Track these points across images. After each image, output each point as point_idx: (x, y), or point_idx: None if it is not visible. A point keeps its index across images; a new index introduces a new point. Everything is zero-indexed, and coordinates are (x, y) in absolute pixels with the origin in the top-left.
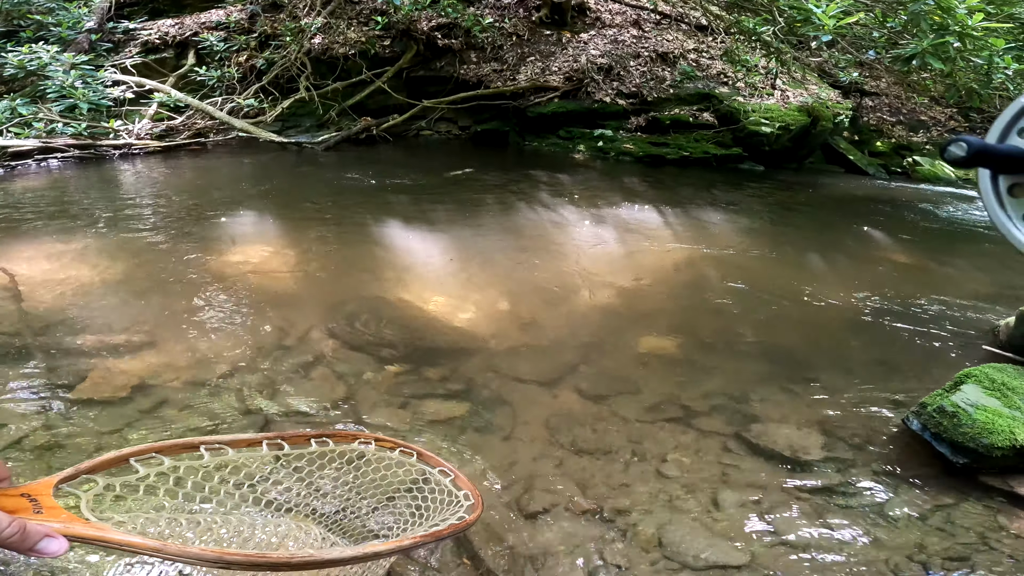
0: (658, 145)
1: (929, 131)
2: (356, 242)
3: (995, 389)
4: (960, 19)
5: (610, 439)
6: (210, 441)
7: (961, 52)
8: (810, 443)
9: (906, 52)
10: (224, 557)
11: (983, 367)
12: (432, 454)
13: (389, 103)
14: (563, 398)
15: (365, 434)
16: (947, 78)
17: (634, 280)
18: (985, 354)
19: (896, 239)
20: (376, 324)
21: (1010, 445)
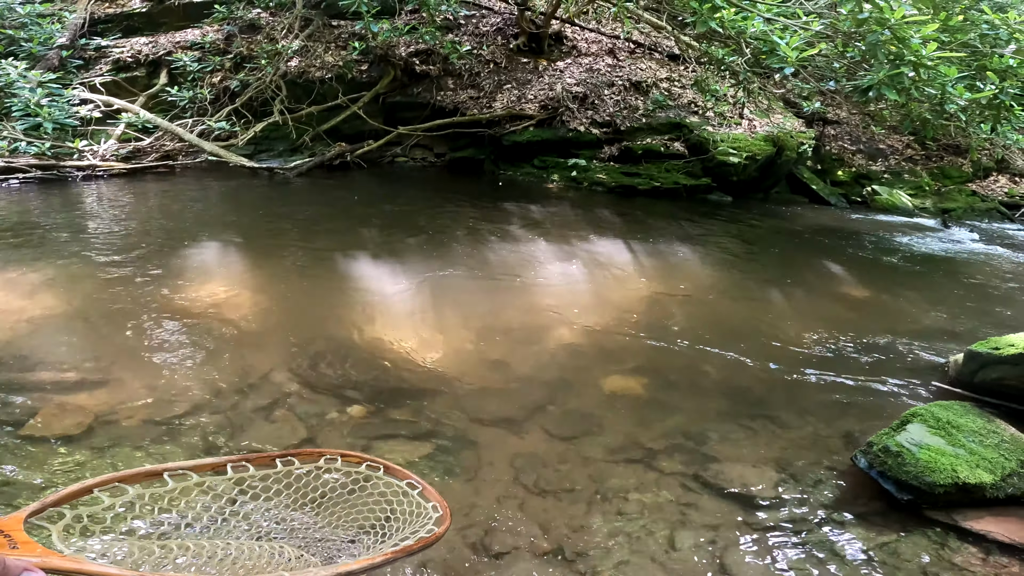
0: (630, 175)
1: (887, 160)
2: (324, 277)
3: (940, 428)
4: (915, 49)
5: (573, 479)
6: (173, 468)
7: (915, 82)
8: (765, 482)
9: (864, 83)
10: None
11: (929, 406)
12: (399, 467)
13: (364, 128)
14: (529, 438)
15: (331, 451)
16: (902, 108)
17: (602, 318)
18: (935, 391)
19: (853, 273)
20: (341, 364)
21: (952, 482)
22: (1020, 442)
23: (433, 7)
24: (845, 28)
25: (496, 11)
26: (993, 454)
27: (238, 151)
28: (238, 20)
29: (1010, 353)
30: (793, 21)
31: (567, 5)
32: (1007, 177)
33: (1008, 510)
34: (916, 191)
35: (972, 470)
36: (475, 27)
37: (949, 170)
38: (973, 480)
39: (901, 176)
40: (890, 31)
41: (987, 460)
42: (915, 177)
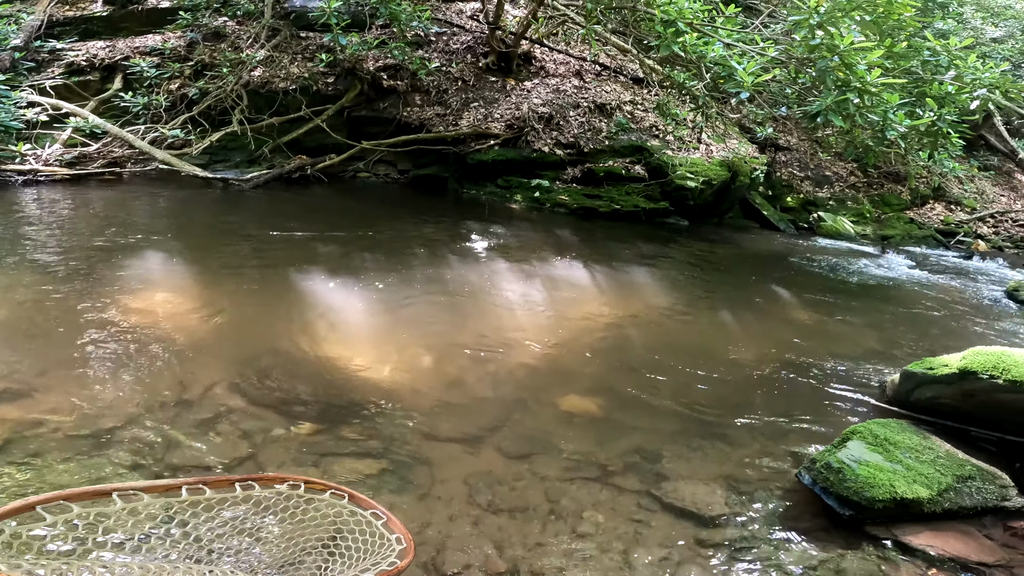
0: (592, 197)
1: (832, 186)
2: (276, 291)
3: (878, 444)
4: (860, 75)
5: (528, 498)
6: (124, 488)
7: (859, 108)
8: (715, 499)
9: (812, 109)
10: None
11: (869, 423)
12: (365, 497)
13: (327, 142)
14: (484, 457)
15: (293, 476)
16: (847, 135)
17: (560, 338)
18: (874, 409)
19: (799, 297)
20: (290, 380)
21: (890, 497)
22: (955, 458)
23: (404, 23)
24: (798, 54)
25: (467, 29)
26: (929, 470)
27: (191, 160)
28: (202, 27)
29: (943, 373)
30: (751, 47)
31: (537, 26)
32: (943, 205)
33: (945, 524)
34: (858, 218)
35: (909, 485)
36: (445, 44)
37: (889, 197)
38: (911, 495)
39: (845, 203)
40: (839, 57)
41: (924, 476)
42: (857, 204)
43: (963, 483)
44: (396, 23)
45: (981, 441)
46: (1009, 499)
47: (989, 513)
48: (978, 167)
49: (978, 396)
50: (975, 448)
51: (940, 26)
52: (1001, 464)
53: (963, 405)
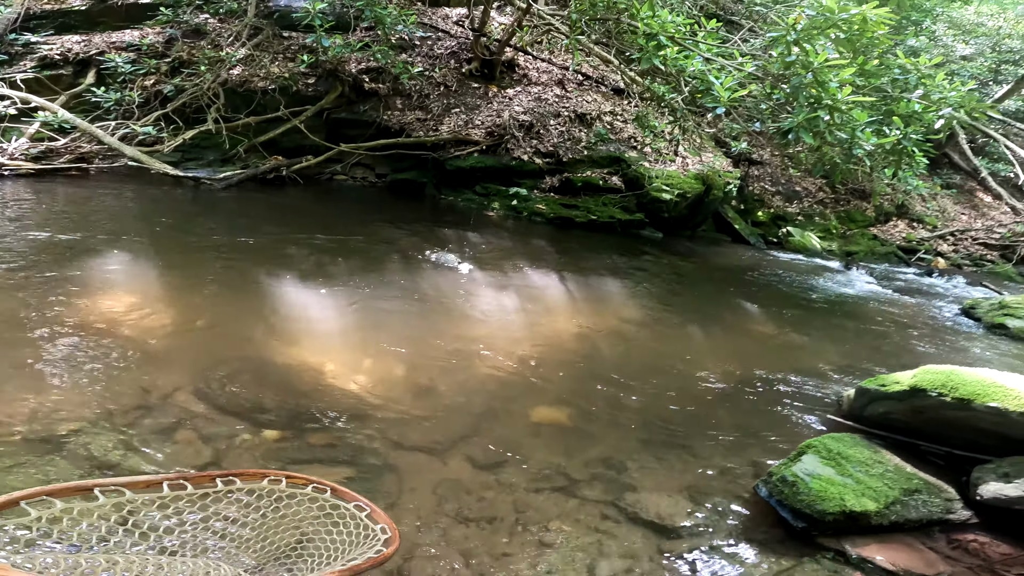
0: (569, 207)
1: (802, 202)
2: (244, 295)
3: (831, 458)
4: (832, 93)
5: (496, 508)
6: (105, 483)
7: (829, 126)
8: (677, 510)
9: (784, 125)
10: None
11: (823, 437)
12: (347, 489)
13: (305, 143)
14: (453, 466)
15: (274, 471)
16: (816, 151)
17: (531, 349)
18: (831, 423)
19: (765, 311)
20: (257, 387)
21: (840, 510)
22: (903, 471)
23: (389, 27)
24: (774, 71)
25: (452, 35)
26: (878, 483)
27: (162, 158)
28: (182, 24)
29: (895, 390)
30: (730, 62)
31: (522, 34)
32: (905, 222)
33: (892, 537)
34: (825, 234)
35: (858, 498)
36: (429, 49)
37: (855, 214)
38: (859, 508)
39: (813, 218)
40: (812, 74)
41: (872, 489)
42: (825, 220)
43: (910, 496)
44: (381, 26)
45: (930, 455)
46: (954, 512)
47: (935, 525)
48: (941, 185)
49: (927, 412)
50: (924, 462)
51: (912, 43)
52: (948, 478)
53: (913, 421)
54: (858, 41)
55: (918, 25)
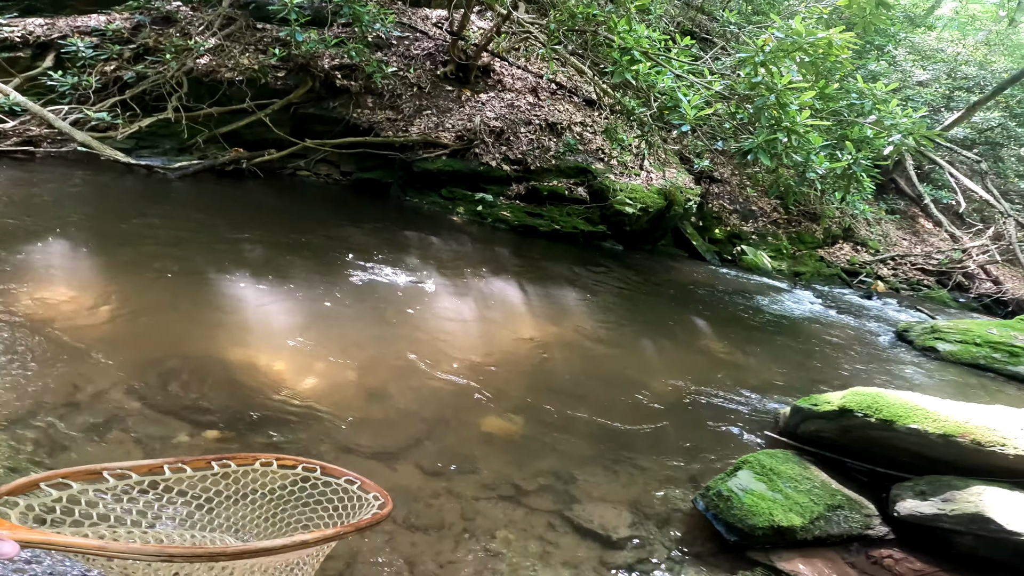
0: (533, 216)
1: (757, 221)
2: (190, 291)
3: (764, 474)
4: (791, 115)
5: (444, 515)
6: (112, 467)
7: (786, 148)
8: (620, 522)
9: (745, 145)
10: (166, 551)
11: (758, 454)
12: (335, 466)
13: (269, 137)
14: (402, 472)
15: (265, 455)
16: (773, 173)
17: (487, 357)
18: (768, 439)
19: (715, 328)
20: (199, 386)
21: (769, 525)
22: (829, 488)
23: (367, 24)
24: (741, 90)
25: (430, 36)
26: (805, 499)
27: (115, 144)
28: (153, 11)
29: (826, 409)
30: (699, 80)
31: (499, 40)
32: (850, 245)
33: (815, 551)
34: (776, 253)
35: (785, 513)
36: (406, 49)
37: (805, 235)
38: (786, 523)
39: (766, 238)
40: (775, 96)
41: (799, 504)
42: (777, 240)
43: (833, 512)
44: (358, 24)
45: (855, 472)
46: (872, 528)
47: (855, 540)
48: (886, 210)
49: (854, 432)
50: (849, 478)
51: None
52: (869, 495)
53: (841, 439)
54: (822, 64)
55: (881, 49)
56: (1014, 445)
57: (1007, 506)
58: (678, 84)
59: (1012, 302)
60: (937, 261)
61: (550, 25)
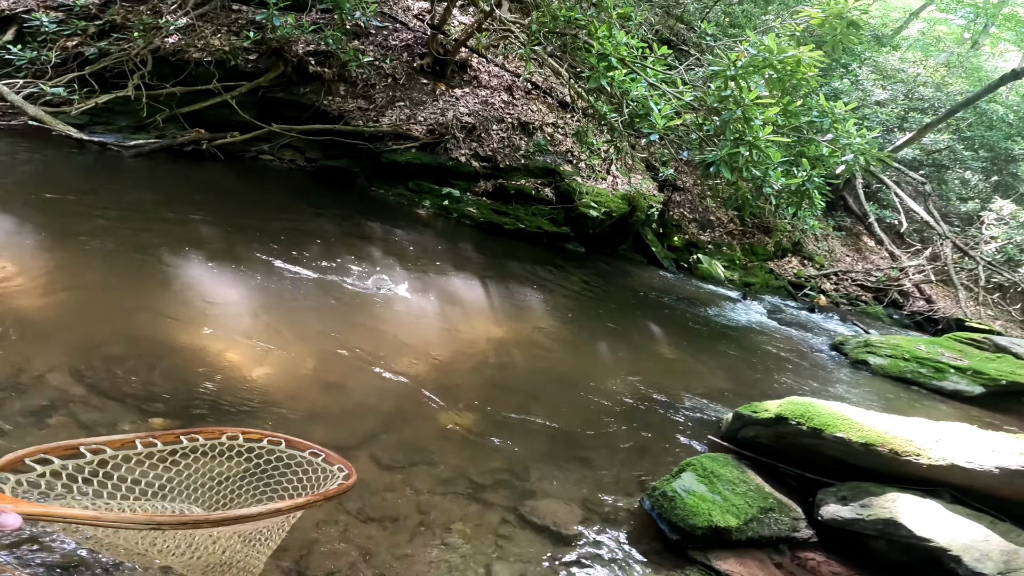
0: (499, 213)
1: (714, 231)
2: (141, 272)
3: (705, 476)
4: (755, 130)
5: (399, 508)
6: (88, 442)
7: (747, 162)
8: (571, 518)
9: (709, 157)
10: (154, 519)
11: (701, 457)
12: (299, 439)
13: (234, 119)
14: (357, 465)
15: (231, 428)
16: (732, 185)
17: (446, 352)
18: (711, 443)
19: (668, 334)
20: (147, 371)
21: (707, 525)
22: (762, 491)
23: (347, 12)
24: (710, 103)
25: (410, 27)
26: (740, 501)
27: (68, 120)
28: None
29: (764, 417)
30: (671, 89)
31: (479, 37)
32: (798, 259)
33: (747, 551)
34: (729, 264)
35: (723, 515)
36: (384, 39)
37: (757, 247)
38: (723, 524)
39: (721, 248)
40: (742, 110)
41: (736, 506)
42: (731, 251)
43: (765, 514)
44: (339, 11)
45: (787, 476)
46: (799, 530)
47: (783, 542)
48: (833, 226)
49: (787, 439)
50: (781, 483)
51: (837, 85)
52: (797, 498)
53: (776, 445)
54: (789, 81)
55: (846, 68)
56: (928, 456)
57: (918, 513)
58: (651, 93)
59: (942, 320)
60: (876, 278)
61: (532, 25)
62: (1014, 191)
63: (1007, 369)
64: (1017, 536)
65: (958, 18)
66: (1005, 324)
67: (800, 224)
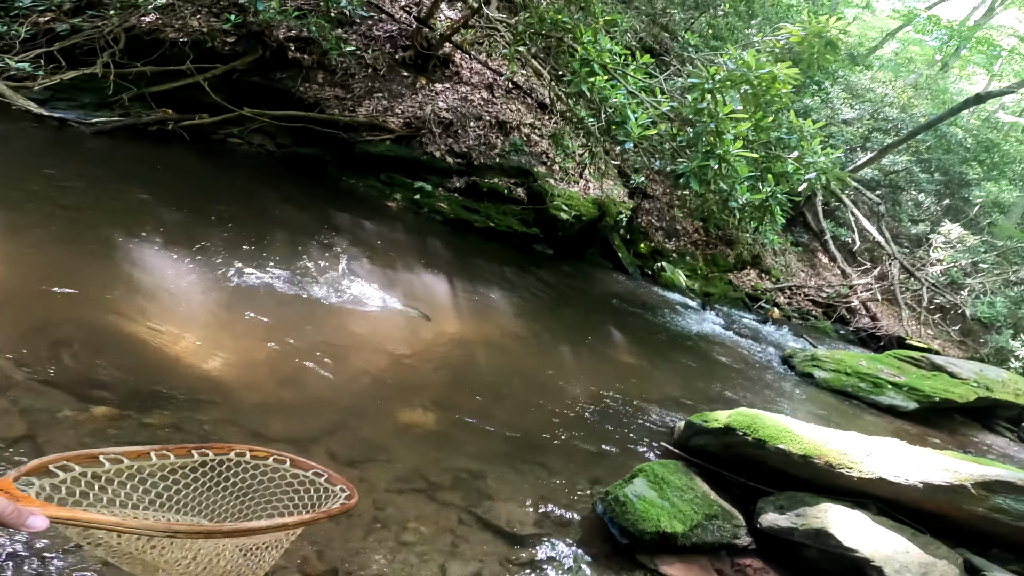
0: (470, 211)
1: (679, 240)
2: (90, 255)
3: (656, 482)
4: (726, 144)
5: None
6: (107, 452)
7: (716, 175)
8: (526, 520)
9: (680, 168)
10: (172, 527)
11: (653, 463)
12: (303, 459)
13: (205, 101)
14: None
15: (240, 446)
16: (700, 197)
17: (409, 349)
18: (663, 450)
19: (629, 340)
20: (92, 356)
21: (655, 530)
22: (708, 498)
23: (334, 1)
24: (685, 114)
25: (395, 19)
26: (687, 507)
27: (29, 94)
28: None
29: (714, 426)
30: (649, 98)
31: (465, 33)
32: (756, 272)
33: (692, 557)
34: (692, 273)
35: (671, 521)
36: (368, 29)
37: (719, 258)
38: (670, 529)
39: (685, 258)
40: (716, 123)
41: (682, 512)
42: (694, 261)
43: (709, 521)
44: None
45: (732, 485)
46: (739, 537)
47: (724, 549)
48: (791, 242)
49: (734, 448)
50: (725, 490)
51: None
52: (740, 506)
53: (724, 454)
54: (763, 97)
55: (819, 85)
56: (859, 469)
57: (847, 524)
58: (629, 101)
59: (884, 338)
60: (827, 294)
61: (519, 25)
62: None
63: (941, 387)
64: (936, 549)
65: (932, 40)
66: (943, 344)
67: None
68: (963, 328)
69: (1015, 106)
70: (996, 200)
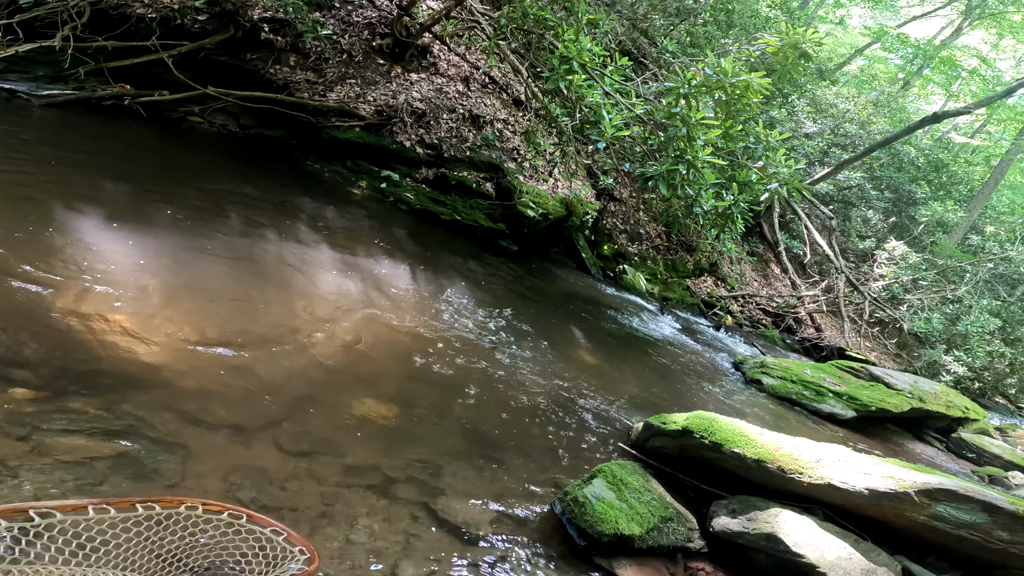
0: (437, 202)
1: (642, 243)
2: (24, 226)
3: (615, 484)
4: (696, 150)
5: (301, 499)
6: (38, 506)
7: (683, 181)
8: (483, 518)
9: (648, 172)
10: None
11: (611, 464)
12: (262, 516)
13: (168, 78)
14: (257, 450)
15: (191, 499)
16: (665, 202)
17: (366, 341)
18: (621, 451)
19: (590, 340)
20: (12, 336)
21: (613, 532)
22: (664, 500)
23: None
24: (658, 117)
25: (376, 5)
26: (644, 510)
27: None
28: None
29: (671, 428)
30: (625, 100)
31: (446, 24)
32: (713, 279)
33: (647, 559)
34: (652, 277)
35: (628, 523)
36: (347, 14)
37: (678, 264)
38: (627, 531)
39: (646, 261)
40: (687, 129)
41: (640, 515)
42: (655, 265)
43: (665, 523)
44: None
45: (686, 487)
46: (692, 541)
47: (678, 552)
48: (748, 251)
49: (690, 451)
50: (680, 493)
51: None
52: (694, 509)
53: (680, 456)
54: (735, 105)
55: (786, 97)
56: (809, 474)
57: (795, 529)
58: (605, 101)
59: (827, 348)
60: (777, 304)
61: (500, 20)
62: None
63: (878, 397)
64: (876, 555)
65: (897, 58)
66: (880, 356)
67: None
68: (899, 341)
69: (967, 127)
70: (940, 219)
